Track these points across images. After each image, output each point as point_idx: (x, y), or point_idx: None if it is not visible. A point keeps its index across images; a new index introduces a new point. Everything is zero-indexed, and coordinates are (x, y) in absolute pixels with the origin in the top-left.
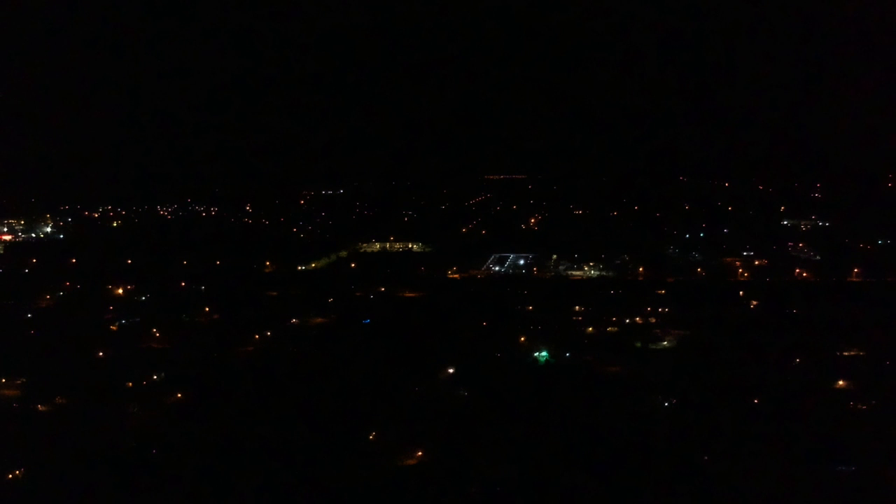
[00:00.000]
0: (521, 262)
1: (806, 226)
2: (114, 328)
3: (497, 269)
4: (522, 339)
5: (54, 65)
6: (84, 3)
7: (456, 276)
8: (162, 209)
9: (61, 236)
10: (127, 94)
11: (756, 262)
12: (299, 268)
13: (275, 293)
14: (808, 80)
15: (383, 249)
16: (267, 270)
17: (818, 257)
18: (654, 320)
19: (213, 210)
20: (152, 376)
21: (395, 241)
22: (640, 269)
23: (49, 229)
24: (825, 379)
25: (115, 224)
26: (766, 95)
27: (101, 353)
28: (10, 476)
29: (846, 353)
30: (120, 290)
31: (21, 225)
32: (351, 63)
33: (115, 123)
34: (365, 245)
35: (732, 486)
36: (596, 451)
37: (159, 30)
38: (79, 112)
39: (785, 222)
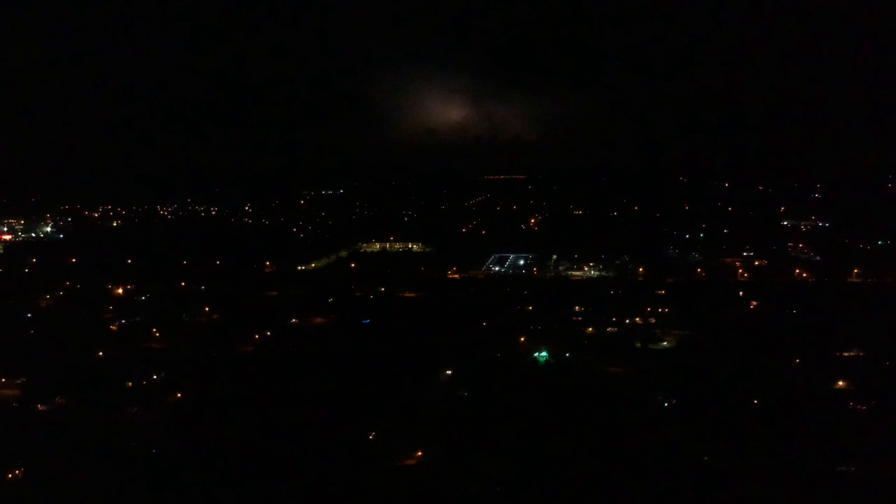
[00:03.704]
0: (521, 262)
1: (806, 226)
2: (114, 328)
3: (497, 269)
4: (522, 339)
5: (54, 65)
6: (84, 3)
7: (456, 276)
8: (162, 209)
9: (61, 236)
10: (127, 94)
11: (756, 262)
12: (299, 268)
13: (275, 293)
14: (808, 81)
15: (383, 249)
16: (267, 270)
17: (818, 257)
18: (654, 320)
19: (213, 210)
20: (152, 376)
21: (395, 241)
22: (640, 269)
23: (49, 229)
24: (825, 379)
25: (115, 224)
26: (766, 96)
27: (101, 353)
28: (10, 476)
29: (846, 353)
30: (120, 290)
31: (21, 225)
32: (349, 62)
33: (116, 123)
34: (365, 245)
35: (732, 486)
36: (596, 452)
37: (158, 29)
38: (79, 112)
39: (785, 222)
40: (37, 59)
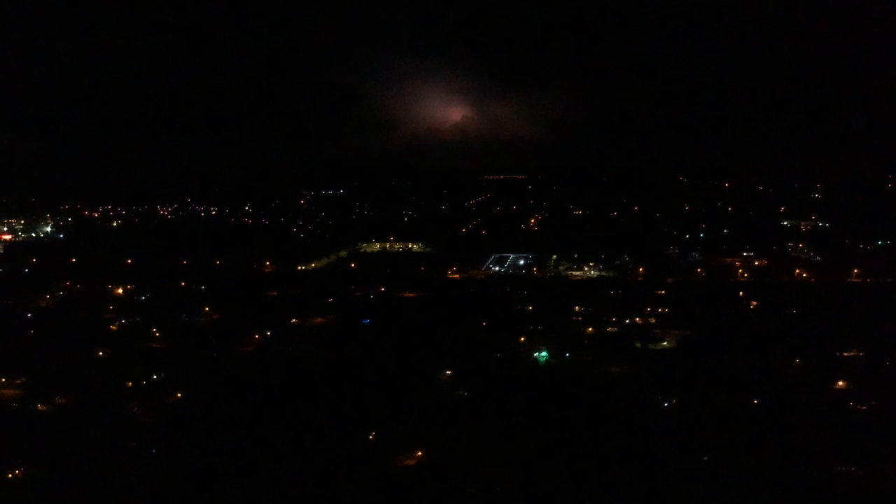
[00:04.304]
0: (521, 262)
1: (806, 226)
2: (114, 328)
3: (497, 269)
4: (522, 339)
5: (54, 65)
6: (84, 4)
7: (456, 276)
8: (162, 209)
9: (61, 236)
10: (127, 94)
11: (756, 262)
12: (299, 268)
13: (275, 293)
14: (808, 81)
15: (383, 249)
16: (267, 270)
17: (818, 257)
18: (654, 320)
19: (213, 210)
20: (152, 376)
21: (395, 241)
22: (640, 269)
23: (49, 229)
24: (825, 379)
25: (115, 224)
26: (766, 96)
27: (101, 353)
28: (10, 476)
29: (846, 353)
30: (120, 290)
31: (21, 225)
32: (350, 61)
33: (116, 123)
34: (365, 245)
35: (732, 486)
36: (596, 451)
37: (158, 29)
38: (79, 112)
39: (785, 222)
40: (37, 60)
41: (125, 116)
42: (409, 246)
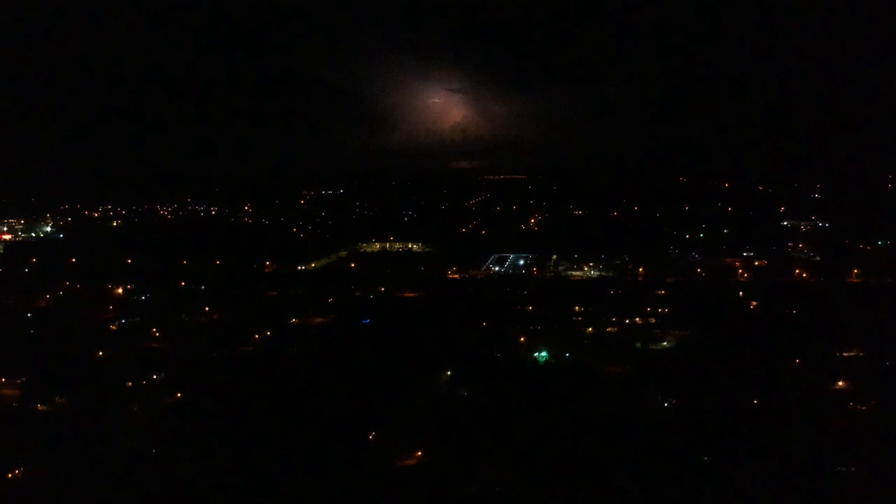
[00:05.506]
0: (521, 262)
1: (806, 226)
2: (114, 328)
3: (497, 269)
4: (522, 339)
5: (54, 65)
6: (84, 5)
7: (456, 276)
8: (162, 209)
9: (61, 236)
10: (127, 94)
11: (756, 262)
12: (299, 268)
13: (275, 293)
14: (808, 81)
15: (383, 249)
16: (267, 270)
17: (818, 257)
18: (654, 320)
19: (213, 210)
20: (152, 376)
21: (395, 241)
22: (640, 269)
23: (49, 229)
24: (825, 379)
25: (115, 224)
26: (766, 95)
27: (101, 353)
28: (10, 476)
29: (846, 354)
30: (120, 290)
31: (21, 225)
32: (350, 61)
33: (116, 123)
34: (365, 245)
35: (732, 486)
36: (596, 452)
37: (159, 29)
38: (79, 112)
39: (785, 222)
40: (37, 59)
41: (126, 116)
42: (409, 246)
